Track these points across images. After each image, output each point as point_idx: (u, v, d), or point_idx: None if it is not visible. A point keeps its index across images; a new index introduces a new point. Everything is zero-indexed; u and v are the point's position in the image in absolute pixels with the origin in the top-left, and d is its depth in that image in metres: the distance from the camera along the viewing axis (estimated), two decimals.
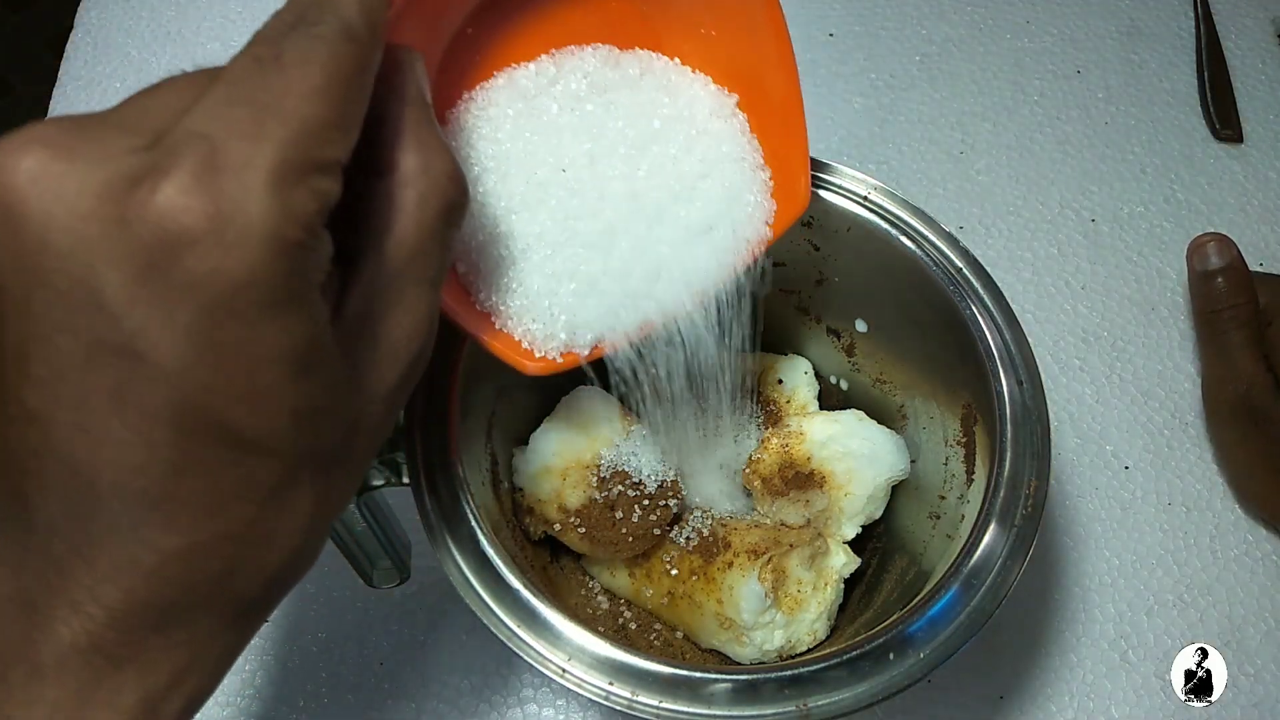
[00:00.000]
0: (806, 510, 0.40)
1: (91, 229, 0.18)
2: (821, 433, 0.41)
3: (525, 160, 0.30)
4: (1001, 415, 0.35)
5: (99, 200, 0.18)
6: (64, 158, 0.18)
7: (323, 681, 0.44)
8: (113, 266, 0.18)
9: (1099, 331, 0.55)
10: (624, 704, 0.30)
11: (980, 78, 0.64)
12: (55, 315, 0.19)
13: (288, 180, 0.19)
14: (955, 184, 0.60)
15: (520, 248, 0.30)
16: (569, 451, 0.40)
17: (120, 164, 0.18)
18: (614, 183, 0.30)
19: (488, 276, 0.30)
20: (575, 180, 0.30)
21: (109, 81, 0.61)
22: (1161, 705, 0.44)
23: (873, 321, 0.43)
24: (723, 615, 0.38)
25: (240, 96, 0.20)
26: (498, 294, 0.30)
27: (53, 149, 0.19)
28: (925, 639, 0.31)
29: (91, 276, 0.18)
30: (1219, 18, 0.66)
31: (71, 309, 0.18)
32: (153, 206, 0.18)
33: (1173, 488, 0.50)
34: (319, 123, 0.20)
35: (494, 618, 0.32)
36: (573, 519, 0.39)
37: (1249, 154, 0.61)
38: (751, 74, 0.33)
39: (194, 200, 0.18)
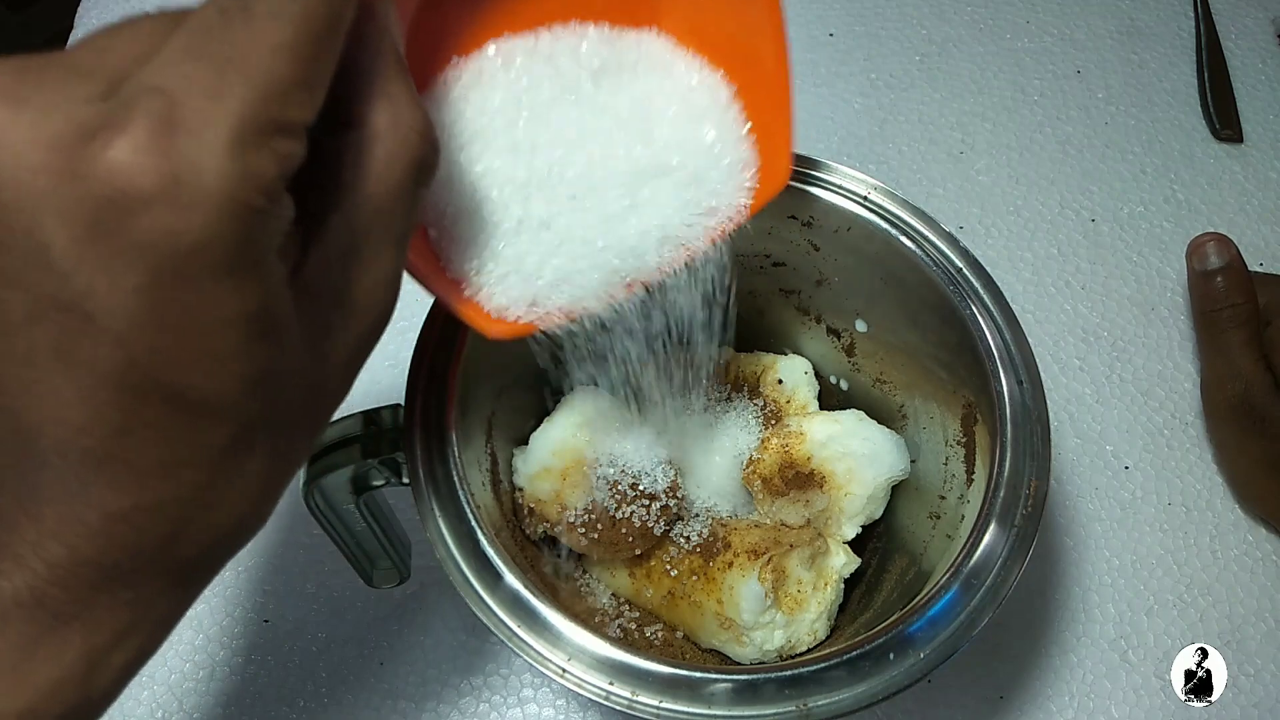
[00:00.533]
0: (806, 510, 0.40)
1: (40, 182, 0.17)
2: (821, 433, 0.41)
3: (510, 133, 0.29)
4: (1001, 415, 0.35)
5: (49, 152, 0.17)
6: (12, 104, 0.18)
7: (323, 681, 0.44)
8: (61, 222, 0.18)
9: (1099, 331, 0.55)
10: (624, 704, 0.30)
11: (980, 78, 0.64)
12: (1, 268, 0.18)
13: (248, 142, 0.19)
14: (955, 184, 0.60)
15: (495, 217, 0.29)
16: (569, 451, 0.40)
17: (73, 114, 0.18)
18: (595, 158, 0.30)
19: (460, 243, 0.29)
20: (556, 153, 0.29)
21: None
22: (1161, 705, 0.44)
23: (873, 321, 0.43)
24: (723, 615, 0.38)
25: (203, 49, 0.19)
26: (469, 260, 0.29)
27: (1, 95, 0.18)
28: (925, 639, 0.31)
29: (39, 231, 0.18)
30: (1219, 18, 0.66)
31: (17, 263, 0.18)
32: (105, 163, 0.17)
33: (1173, 488, 0.50)
34: (285, 81, 0.19)
35: (494, 618, 0.32)
36: (572, 519, 0.39)
37: (1249, 154, 0.61)
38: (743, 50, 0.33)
39: (148, 159, 0.17)
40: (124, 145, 0.17)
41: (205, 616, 0.45)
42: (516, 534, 0.39)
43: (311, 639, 0.45)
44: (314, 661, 0.45)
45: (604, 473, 0.39)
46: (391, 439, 0.34)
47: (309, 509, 0.36)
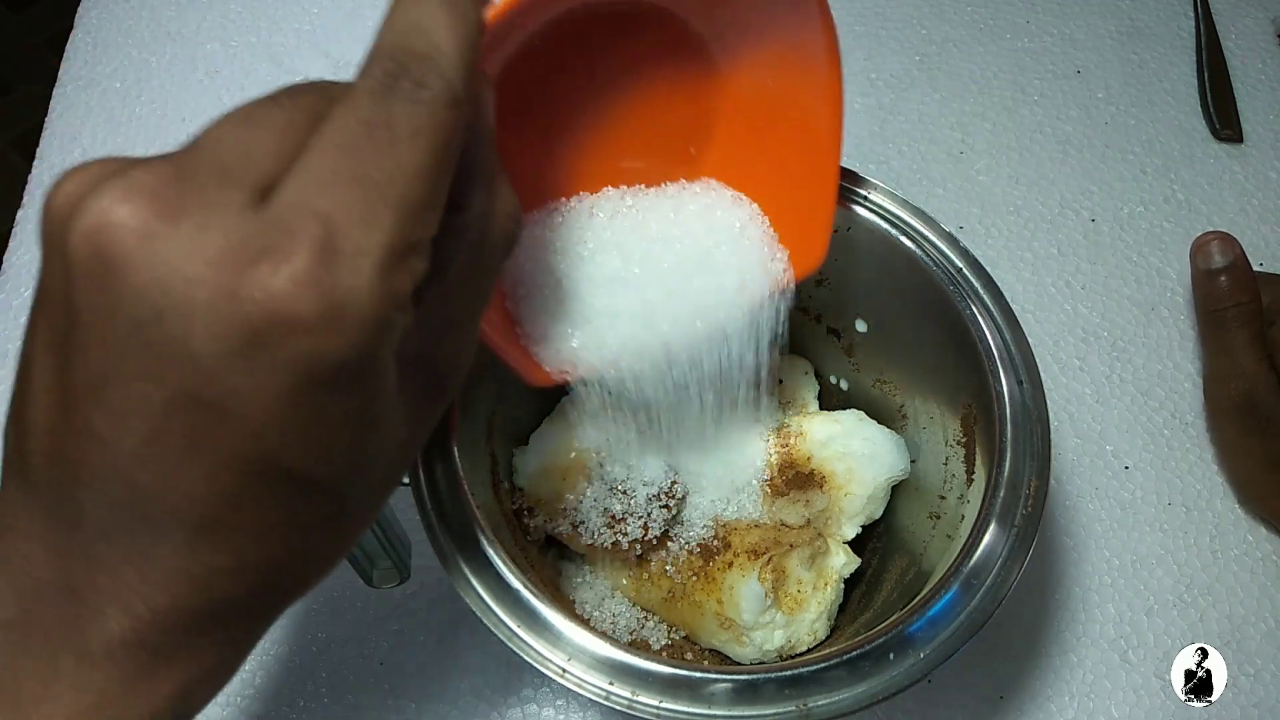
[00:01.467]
0: (806, 510, 0.40)
1: (198, 295, 0.18)
2: (821, 433, 0.41)
3: (588, 237, 0.35)
4: (1001, 415, 0.35)
5: (210, 269, 0.18)
6: (169, 215, 0.19)
7: (323, 681, 0.44)
8: (214, 335, 0.19)
9: (1099, 331, 0.55)
10: (624, 704, 0.30)
11: (980, 78, 0.64)
12: (140, 362, 0.19)
13: (392, 266, 0.20)
14: (955, 184, 0.60)
15: (572, 296, 0.34)
16: (569, 451, 0.40)
17: (231, 232, 0.19)
18: (653, 260, 0.35)
19: (541, 316, 0.34)
20: (620, 253, 0.34)
21: (109, 81, 0.61)
22: (1161, 705, 0.44)
23: (873, 321, 0.43)
24: (723, 615, 0.38)
25: (354, 172, 0.20)
26: (547, 329, 0.34)
27: (156, 203, 0.19)
28: (925, 639, 0.31)
29: (189, 338, 0.19)
30: (1219, 18, 0.66)
31: (160, 360, 0.19)
32: (268, 289, 0.18)
33: (1173, 488, 0.50)
34: (422, 203, 0.20)
35: (494, 618, 0.32)
36: (573, 519, 0.39)
37: (1249, 154, 0.61)
38: (796, 133, 0.36)
39: (310, 291, 0.19)
40: (287, 274, 0.19)
41: None
42: (516, 534, 0.39)
43: (311, 639, 0.45)
44: (314, 661, 0.45)
45: (604, 473, 0.39)
46: None
47: None
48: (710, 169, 0.38)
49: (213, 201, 0.19)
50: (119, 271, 0.19)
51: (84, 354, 0.19)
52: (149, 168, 0.19)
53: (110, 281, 0.19)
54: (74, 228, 0.19)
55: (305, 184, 0.19)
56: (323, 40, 0.64)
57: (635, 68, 0.34)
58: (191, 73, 0.62)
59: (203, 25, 0.64)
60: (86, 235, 0.19)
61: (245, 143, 0.20)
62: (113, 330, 0.19)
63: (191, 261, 0.18)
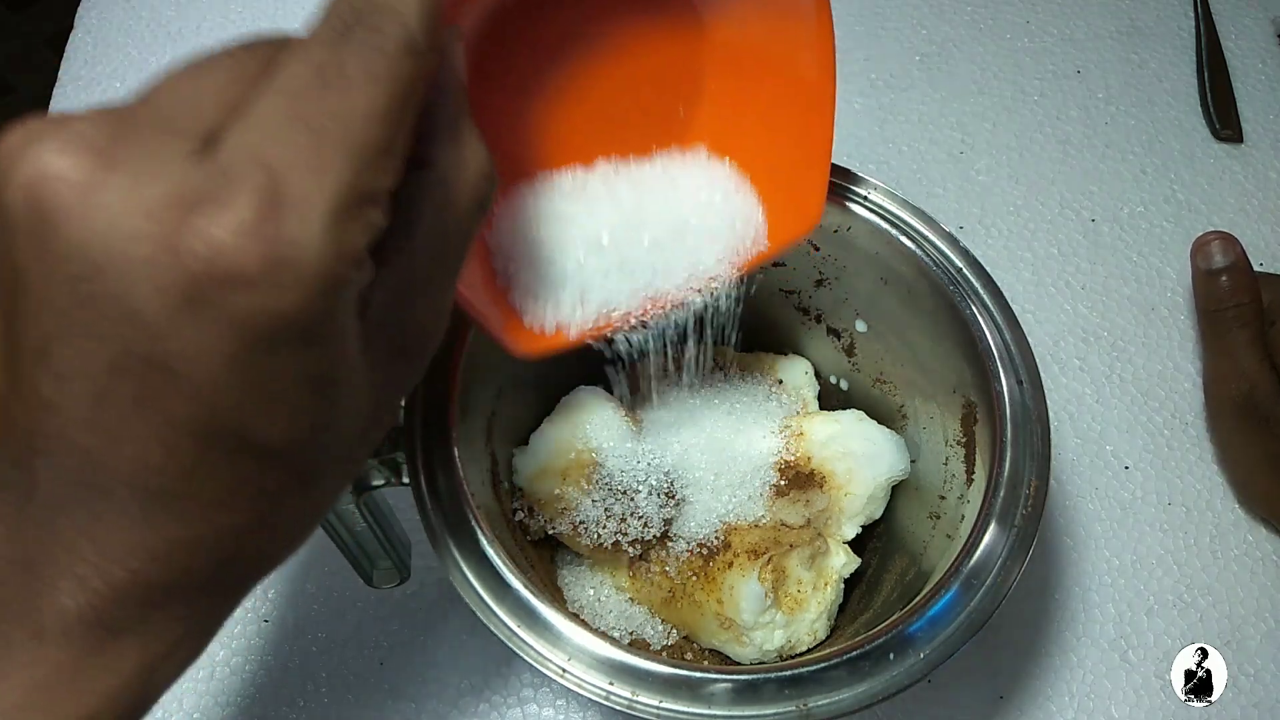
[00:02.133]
0: (806, 510, 0.40)
1: (138, 250, 0.18)
2: (821, 433, 0.41)
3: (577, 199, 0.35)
4: (1001, 415, 0.35)
5: (148, 220, 0.18)
6: (107, 165, 0.18)
7: (323, 681, 0.44)
8: (156, 290, 0.18)
9: (1099, 331, 0.55)
10: (624, 704, 0.30)
11: (980, 78, 0.64)
12: (84, 321, 0.18)
13: (344, 216, 0.19)
14: (955, 184, 0.60)
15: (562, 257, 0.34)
16: (569, 451, 0.40)
17: (171, 181, 0.18)
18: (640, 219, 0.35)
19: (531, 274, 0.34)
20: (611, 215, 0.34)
21: (109, 81, 0.61)
22: (1161, 705, 0.44)
23: (873, 321, 0.43)
24: (723, 615, 0.38)
25: (301, 116, 0.19)
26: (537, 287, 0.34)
27: (94, 153, 0.18)
28: (925, 639, 0.31)
29: (131, 294, 0.18)
30: (1219, 18, 0.66)
31: (103, 319, 0.18)
32: (208, 240, 0.18)
33: (1173, 488, 0.50)
34: (377, 150, 0.19)
35: (494, 618, 0.32)
36: (572, 519, 0.39)
37: (1249, 154, 0.61)
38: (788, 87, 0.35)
39: (252, 242, 0.18)
40: (227, 224, 0.18)
41: None
42: (516, 534, 0.39)
43: (311, 639, 0.45)
44: (314, 661, 0.45)
45: (604, 473, 0.39)
46: (391, 438, 0.34)
47: None
48: (702, 127, 0.36)
49: (153, 151, 0.18)
50: (55, 225, 0.18)
51: (28, 316, 0.19)
52: (88, 119, 0.18)
53: (48, 236, 0.18)
54: (11, 181, 0.18)
55: (250, 131, 0.18)
56: None
57: (619, 25, 0.33)
58: None
59: (203, 25, 0.64)
60: (24, 188, 0.18)
61: (192, 92, 0.19)
62: (54, 288, 0.18)
63: (130, 213, 0.17)
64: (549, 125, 0.34)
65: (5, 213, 0.18)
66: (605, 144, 0.36)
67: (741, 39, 0.34)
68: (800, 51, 0.34)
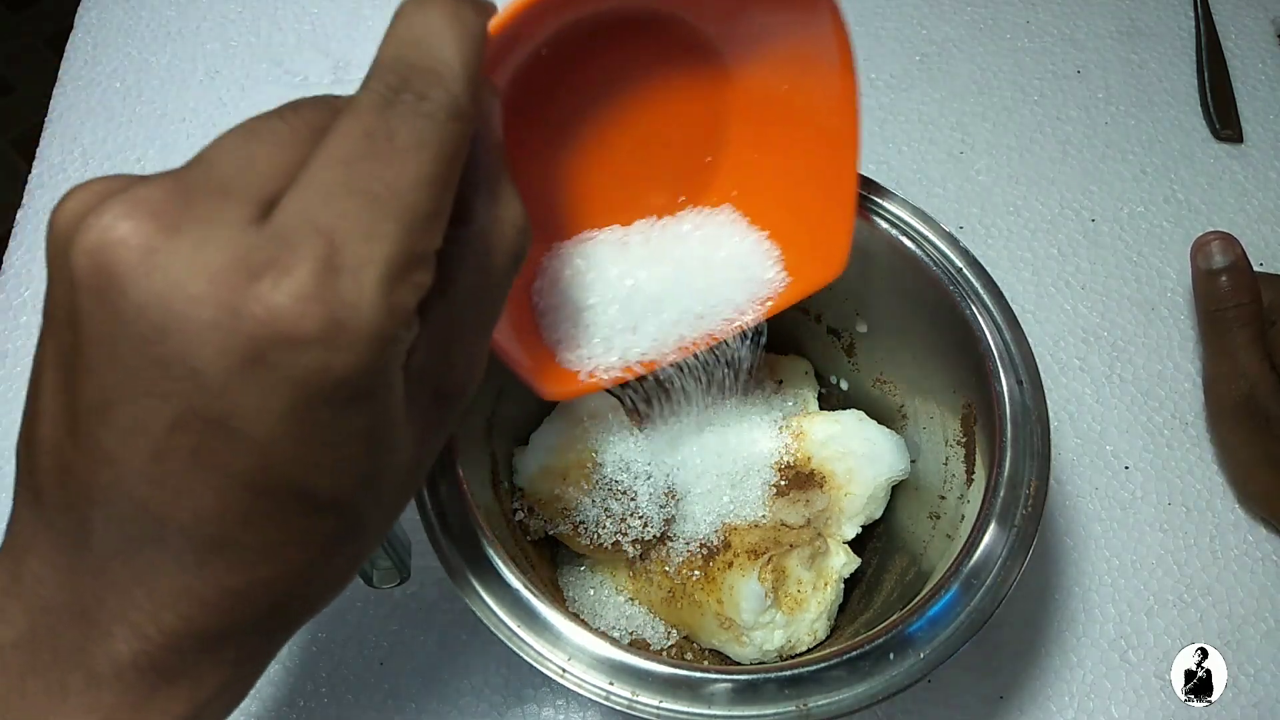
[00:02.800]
0: (806, 510, 0.40)
1: (201, 313, 0.18)
2: (821, 433, 0.41)
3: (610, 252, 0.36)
4: (1001, 415, 0.35)
5: (212, 285, 0.18)
6: (170, 231, 0.19)
7: (323, 681, 0.44)
8: (219, 352, 0.19)
9: (1099, 331, 0.54)
10: (624, 704, 0.30)
11: (980, 78, 0.64)
12: (145, 379, 0.19)
13: (396, 279, 0.20)
14: (955, 184, 0.60)
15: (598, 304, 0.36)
16: (569, 451, 0.40)
17: (233, 247, 0.19)
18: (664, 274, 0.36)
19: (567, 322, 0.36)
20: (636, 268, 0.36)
21: (109, 81, 0.61)
22: (1161, 705, 0.44)
23: (873, 321, 0.43)
24: (723, 615, 0.38)
25: (355, 184, 0.19)
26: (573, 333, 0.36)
27: (158, 218, 0.19)
28: (925, 639, 0.31)
29: (192, 355, 0.19)
30: (1219, 18, 0.66)
31: (166, 378, 0.19)
32: (269, 306, 0.18)
33: (1173, 488, 0.50)
34: (426, 215, 0.20)
35: (494, 618, 0.32)
36: (572, 519, 0.39)
37: (1249, 154, 0.61)
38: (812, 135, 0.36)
39: (311, 306, 0.19)
40: (288, 289, 0.18)
41: None
42: (516, 534, 0.39)
43: (311, 639, 0.45)
44: (314, 661, 0.45)
45: (604, 473, 0.39)
46: None
47: None
48: (727, 174, 0.38)
49: (214, 216, 0.19)
50: (122, 288, 0.18)
51: (90, 372, 0.19)
52: (151, 184, 0.19)
53: (113, 298, 0.19)
54: (77, 245, 0.19)
55: (307, 197, 0.19)
56: (323, 40, 0.64)
57: (647, 76, 0.34)
58: (191, 73, 0.62)
59: (203, 25, 0.64)
60: (89, 252, 0.19)
61: (247, 157, 0.20)
62: (117, 347, 0.19)
63: (193, 277, 0.18)
64: (577, 173, 0.35)
65: (71, 274, 0.19)
66: (632, 191, 0.37)
67: (767, 89, 0.35)
68: (824, 102, 0.34)
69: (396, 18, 0.22)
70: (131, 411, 0.19)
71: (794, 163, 0.36)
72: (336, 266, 0.19)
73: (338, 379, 0.19)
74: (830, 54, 0.33)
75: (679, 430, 0.41)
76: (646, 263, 0.36)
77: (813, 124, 0.35)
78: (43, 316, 0.21)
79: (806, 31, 0.32)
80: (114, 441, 0.20)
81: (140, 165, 0.58)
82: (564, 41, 0.30)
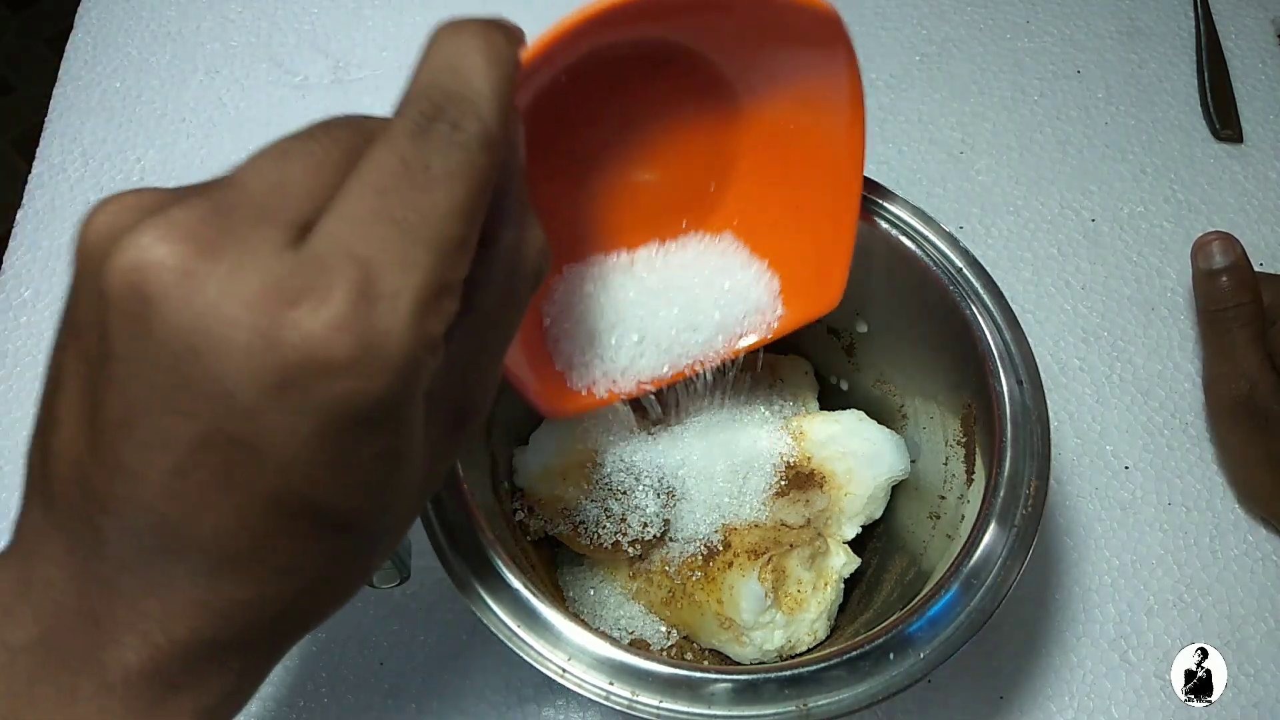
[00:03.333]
0: (806, 510, 0.40)
1: (237, 337, 0.19)
2: (821, 433, 0.41)
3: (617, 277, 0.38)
4: (1001, 415, 0.35)
5: (247, 310, 0.19)
6: (207, 254, 0.19)
7: (323, 681, 0.44)
8: (250, 375, 0.19)
9: (1099, 331, 0.55)
10: (624, 704, 0.30)
11: (980, 78, 0.64)
12: (175, 398, 0.19)
13: (427, 308, 0.20)
14: (955, 184, 0.60)
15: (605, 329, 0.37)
16: (569, 451, 0.40)
17: (268, 272, 0.19)
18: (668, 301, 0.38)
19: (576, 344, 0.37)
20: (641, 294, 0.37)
21: (109, 81, 0.61)
22: (1161, 705, 0.44)
23: (873, 321, 0.43)
24: (723, 615, 0.38)
25: (390, 212, 0.20)
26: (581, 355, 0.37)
27: (194, 242, 0.19)
28: (925, 639, 0.31)
29: (226, 378, 0.19)
30: (1219, 18, 0.66)
31: (195, 397, 0.19)
32: (305, 333, 0.19)
33: (1173, 488, 0.50)
34: (456, 244, 0.21)
35: (494, 618, 0.32)
36: (572, 519, 0.39)
37: (1249, 154, 0.61)
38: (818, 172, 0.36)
39: (346, 334, 0.19)
40: (323, 317, 0.19)
41: None
42: (516, 534, 0.39)
43: (312, 639, 0.45)
44: (314, 661, 0.45)
45: (604, 473, 0.39)
46: None
47: None
48: (731, 204, 0.38)
49: (250, 240, 0.19)
50: (157, 309, 0.19)
51: (116, 387, 0.19)
52: (186, 204, 0.19)
53: (148, 319, 0.19)
54: (112, 264, 0.19)
55: (342, 225, 0.20)
56: (323, 40, 0.64)
57: (661, 107, 0.35)
58: (191, 73, 0.62)
59: (203, 25, 0.64)
60: (125, 272, 0.19)
61: (281, 179, 0.20)
62: (148, 366, 0.19)
63: (230, 302, 0.19)
64: (586, 197, 0.36)
65: (102, 290, 0.19)
66: (637, 216, 0.37)
67: (777, 124, 0.35)
68: (832, 139, 0.35)
69: (431, 43, 0.22)
70: (156, 427, 0.19)
71: (797, 196, 0.37)
72: (371, 295, 0.19)
73: (366, 405, 0.20)
74: (842, 94, 0.33)
75: (679, 430, 0.41)
76: (654, 289, 0.37)
77: (818, 160, 0.36)
78: (63, 324, 0.21)
79: (822, 71, 0.33)
80: (136, 456, 0.20)
81: (140, 165, 0.58)
82: (584, 69, 0.31)
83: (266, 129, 0.60)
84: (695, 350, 0.38)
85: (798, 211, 0.37)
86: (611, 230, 0.37)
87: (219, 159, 0.59)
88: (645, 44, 0.32)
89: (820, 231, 0.37)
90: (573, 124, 0.34)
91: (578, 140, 0.34)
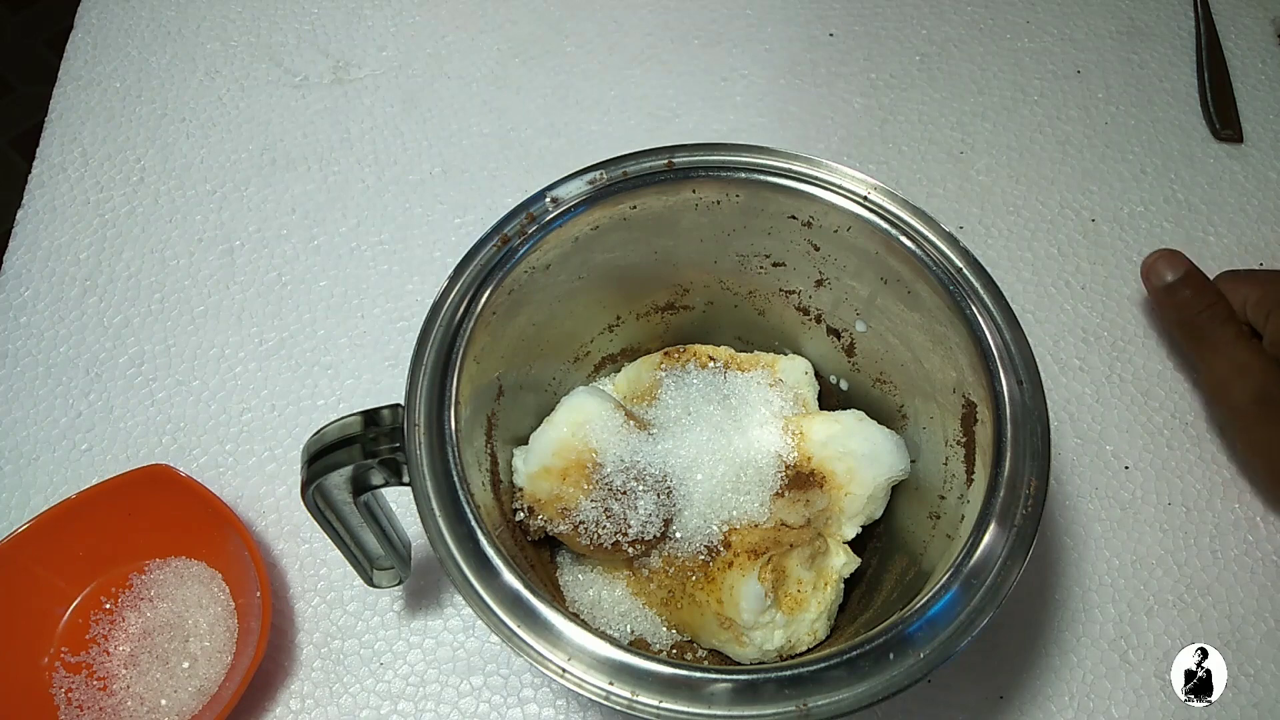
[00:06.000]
0: (806, 510, 0.40)
1: None
2: (821, 433, 0.41)
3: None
4: (1001, 415, 0.35)
5: None
6: None
7: (322, 681, 0.44)
8: None
9: (1099, 331, 0.55)
10: (624, 704, 0.30)
11: (980, 78, 0.64)
12: None
13: None
14: (955, 184, 0.60)
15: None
16: (569, 451, 0.40)
17: None
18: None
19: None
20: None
21: (109, 81, 0.61)
22: (1161, 705, 0.44)
23: (873, 321, 0.43)
24: (723, 615, 0.38)
25: None
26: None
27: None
28: (925, 639, 0.31)
29: None
30: (1219, 18, 0.66)
31: None
32: None
33: (1173, 488, 0.50)
34: None
35: (494, 618, 0.32)
36: (572, 519, 0.39)
37: (1249, 154, 0.61)
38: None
39: None
40: None
41: None
42: (516, 534, 0.39)
43: (311, 638, 0.45)
44: (314, 661, 0.45)
45: (604, 473, 0.39)
46: (391, 439, 0.34)
47: (309, 509, 0.36)
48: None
49: None
50: None
51: None
52: None
53: None
54: None
55: None
56: (323, 40, 0.64)
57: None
58: (191, 73, 0.62)
59: (203, 25, 0.64)
60: None
61: None
62: None
63: None
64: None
65: None
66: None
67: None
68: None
69: None
70: None
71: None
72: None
73: None
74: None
75: (679, 430, 0.41)
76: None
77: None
78: None
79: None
80: None
81: (140, 165, 0.58)
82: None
83: (266, 129, 0.60)
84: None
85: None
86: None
87: (219, 159, 0.59)
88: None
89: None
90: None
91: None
